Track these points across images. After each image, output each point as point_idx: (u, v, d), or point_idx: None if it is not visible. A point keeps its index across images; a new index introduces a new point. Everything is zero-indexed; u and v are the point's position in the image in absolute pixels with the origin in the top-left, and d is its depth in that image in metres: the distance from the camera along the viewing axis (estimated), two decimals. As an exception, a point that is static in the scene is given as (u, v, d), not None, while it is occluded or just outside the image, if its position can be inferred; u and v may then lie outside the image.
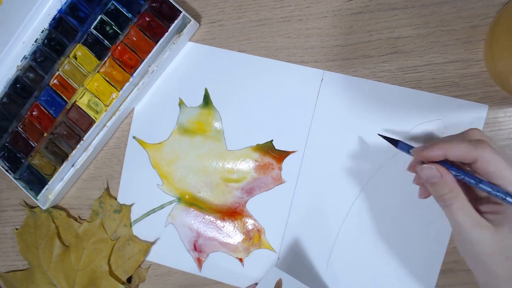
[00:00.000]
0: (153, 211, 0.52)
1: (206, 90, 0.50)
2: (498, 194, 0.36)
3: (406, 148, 0.42)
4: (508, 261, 0.35)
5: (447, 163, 0.38)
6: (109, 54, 0.49)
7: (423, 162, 0.39)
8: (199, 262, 0.51)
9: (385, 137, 0.44)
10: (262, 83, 0.49)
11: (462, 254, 0.39)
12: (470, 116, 0.45)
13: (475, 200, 0.39)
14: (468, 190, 0.39)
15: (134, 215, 0.52)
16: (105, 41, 0.50)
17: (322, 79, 0.48)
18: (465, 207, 0.36)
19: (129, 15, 0.49)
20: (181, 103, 0.51)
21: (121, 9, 0.49)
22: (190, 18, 0.48)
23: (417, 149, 0.40)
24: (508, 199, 0.35)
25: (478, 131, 0.39)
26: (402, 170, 0.46)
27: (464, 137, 0.39)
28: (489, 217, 0.36)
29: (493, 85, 0.44)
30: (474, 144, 0.36)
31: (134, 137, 0.52)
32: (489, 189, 0.36)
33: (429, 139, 0.46)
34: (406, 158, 0.45)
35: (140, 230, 0.52)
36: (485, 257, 0.36)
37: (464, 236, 0.37)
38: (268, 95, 0.49)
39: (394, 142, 0.43)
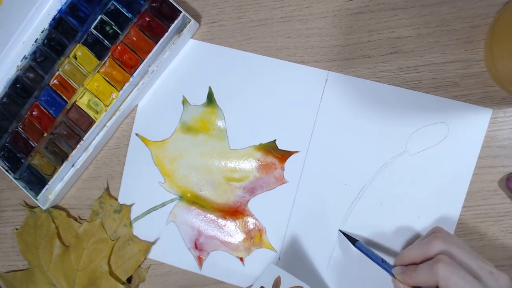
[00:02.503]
0: (155, 208, 0.52)
1: (210, 89, 0.50)
2: None
3: (365, 249, 0.45)
4: None
5: None
6: (109, 54, 0.49)
7: None
8: (200, 260, 0.51)
9: (344, 234, 0.47)
10: (266, 83, 0.49)
11: None
12: (474, 119, 0.45)
13: None
14: None
15: (135, 213, 0.52)
16: (105, 41, 0.50)
17: (326, 80, 0.48)
18: None
19: (129, 15, 0.49)
20: (184, 101, 0.51)
21: (121, 9, 0.49)
22: (190, 18, 0.48)
23: (396, 273, 0.42)
24: None
25: (436, 237, 0.40)
26: (404, 171, 0.46)
27: (424, 251, 0.40)
28: None
29: (493, 85, 0.45)
30: (431, 267, 0.37)
31: (137, 134, 0.52)
32: None
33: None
34: (408, 159, 0.46)
35: (141, 228, 0.52)
36: None
37: None
38: (272, 94, 0.49)
39: (352, 240, 0.46)
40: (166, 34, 0.48)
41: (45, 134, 0.51)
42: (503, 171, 0.45)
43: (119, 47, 0.49)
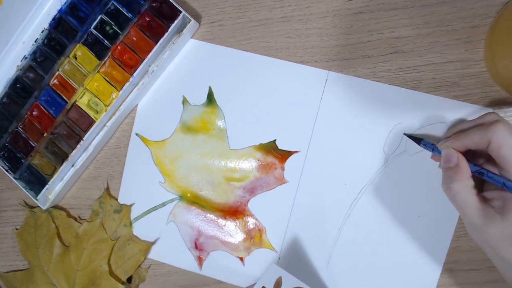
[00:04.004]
0: (155, 208, 0.52)
1: (210, 89, 0.50)
2: (498, 183, 0.36)
3: (430, 145, 0.42)
4: None
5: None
6: (109, 54, 0.49)
7: None
8: (200, 260, 0.51)
9: (410, 136, 0.45)
10: (266, 83, 0.49)
11: (475, 241, 0.39)
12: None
13: (483, 186, 0.40)
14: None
15: (135, 213, 0.52)
16: (105, 41, 0.50)
17: (326, 80, 0.48)
18: (470, 197, 0.37)
19: (129, 15, 0.49)
20: (184, 101, 0.51)
21: (121, 9, 0.49)
22: (190, 18, 0.48)
23: (441, 143, 0.41)
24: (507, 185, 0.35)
25: (493, 114, 0.39)
26: (405, 172, 0.46)
27: (480, 121, 0.39)
28: (496, 204, 0.37)
29: (493, 85, 0.45)
30: (486, 127, 0.37)
31: (137, 134, 0.52)
32: (492, 180, 0.37)
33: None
34: (410, 159, 0.46)
35: (141, 228, 0.52)
36: (494, 244, 0.36)
37: (471, 225, 0.37)
38: (272, 94, 0.49)
39: (417, 140, 0.44)
40: (166, 34, 0.48)
41: (45, 134, 0.51)
42: (503, 171, 0.45)
43: (119, 47, 0.49)
